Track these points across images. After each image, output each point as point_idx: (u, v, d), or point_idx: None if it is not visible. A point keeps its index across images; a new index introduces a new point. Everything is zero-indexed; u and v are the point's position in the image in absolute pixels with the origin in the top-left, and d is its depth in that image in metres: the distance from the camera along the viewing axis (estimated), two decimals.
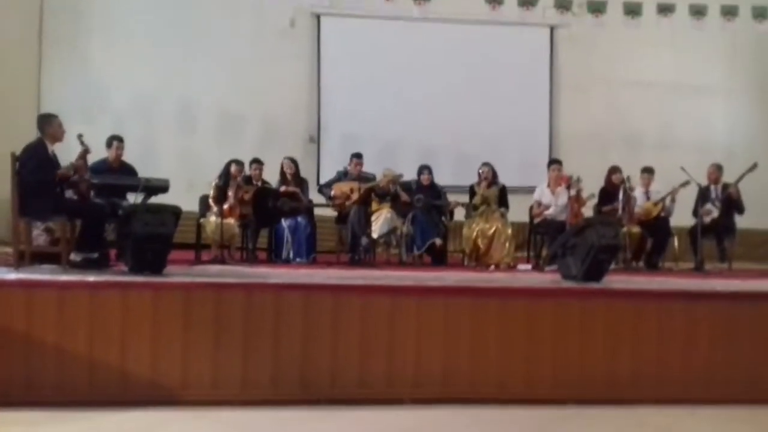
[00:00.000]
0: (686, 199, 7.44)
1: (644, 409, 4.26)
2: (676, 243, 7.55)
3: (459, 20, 10.01)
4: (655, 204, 7.42)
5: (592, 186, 7.39)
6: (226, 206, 6.65)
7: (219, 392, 4.17)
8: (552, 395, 4.38)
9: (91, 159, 5.75)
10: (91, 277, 4.39)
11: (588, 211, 7.37)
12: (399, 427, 3.83)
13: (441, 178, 7.87)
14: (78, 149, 5.41)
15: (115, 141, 6.52)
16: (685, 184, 7.20)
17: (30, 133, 5.65)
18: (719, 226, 7.32)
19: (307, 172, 8.17)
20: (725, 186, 7.39)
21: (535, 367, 4.46)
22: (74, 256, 5.24)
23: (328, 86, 10.15)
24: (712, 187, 7.47)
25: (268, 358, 4.26)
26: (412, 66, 10.06)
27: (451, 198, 7.60)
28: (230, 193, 6.77)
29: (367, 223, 6.87)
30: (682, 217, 7.53)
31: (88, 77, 9.64)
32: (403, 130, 9.90)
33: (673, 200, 7.34)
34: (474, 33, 10.16)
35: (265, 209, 6.94)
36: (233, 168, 6.87)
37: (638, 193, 7.50)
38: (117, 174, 6.40)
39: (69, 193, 5.38)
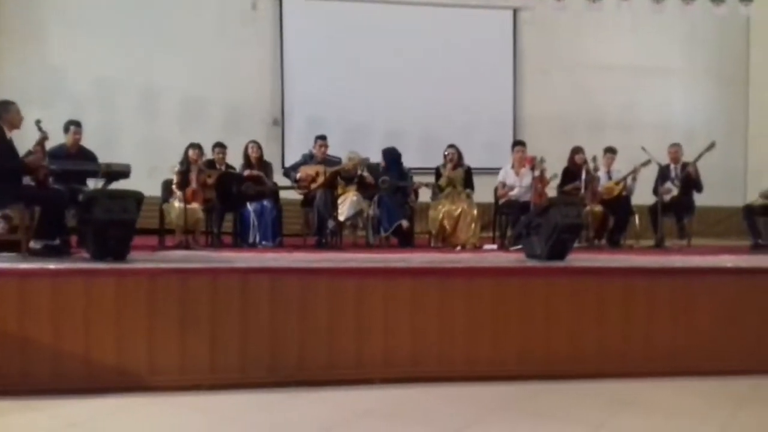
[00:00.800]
0: (647, 178, 7.59)
1: (609, 383, 4.35)
2: (637, 221, 7.72)
3: (423, 3, 10.00)
4: (617, 183, 7.56)
5: (556, 166, 7.50)
6: (188, 191, 6.56)
7: (187, 377, 4.14)
8: (519, 372, 4.44)
9: (50, 145, 5.61)
10: (52, 265, 4.29)
11: (552, 191, 7.47)
12: (369, 407, 3.85)
13: (407, 160, 7.88)
14: (35, 135, 5.28)
15: (72, 126, 6.36)
16: (646, 163, 7.34)
17: None
18: (679, 204, 7.49)
19: (271, 155, 8.12)
20: (684, 165, 7.55)
21: (502, 344, 4.52)
22: (34, 244, 5.13)
23: (292, 69, 10.07)
24: (672, 166, 7.63)
25: (235, 342, 4.24)
26: (376, 48, 10.02)
27: (418, 180, 7.63)
28: (192, 177, 6.67)
29: (334, 206, 6.85)
30: (642, 196, 7.69)
31: (46, 62, 9.41)
32: (369, 113, 9.89)
33: (634, 179, 7.48)
34: (438, 15, 10.18)
35: (229, 193, 6.86)
36: (191, 152, 6.78)
37: (601, 172, 7.62)
38: (76, 159, 6.25)
39: (26, 180, 5.25)
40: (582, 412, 3.80)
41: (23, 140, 5.40)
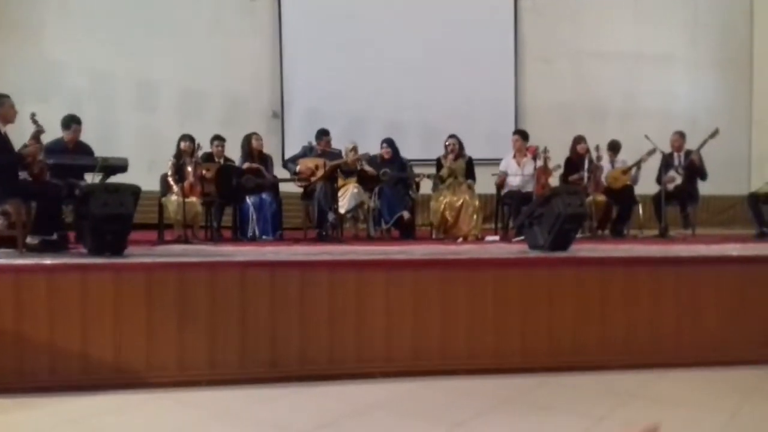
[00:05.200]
0: (650, 167, 7.51)
1: (613, 374, 4.29)
2: (640, 210, 7.64)
3: None
4: (624, 172, 7.47)
5: (558, 156, 7.42)
6: (186, 184, 6.50)
7: (186, 373, 4.09)
8: (522, 364, 4.39)
9: (45, 138, 5.55)
10: (48, 260, 4.25)
11: (555, 181, 7.39)
12: (370, 401, 3.79)
13: (408, 151, 7.82)
14: (30, 129, 5.22)
15: (73, 124, 6.32)
16: (652, 152, 7.26)
17: None
18: (682, 193, 7.42)
19: (271, 147, 8.07)
20: (688, 153, 7.47)
21: (505, 336, 4.47)
22: (31, 239, 5.07)
23: (290, 61, 10.00)
24: (675, 155, 7.55)
25: (235, 337, 4.19)
26: (375, 39, 9.94)
27: (418, 171, 7.56)
28: (189, 170, 6.61)
29: (334, 199, 6.79)
30: (646, 185, 7.61)
31: (42, 56, 9.36)
32: (368, 104, 9.82)
33: (638, 168, 7.40)
34: (438, 3, 10.08)
35: (228, 187, 6.80)
36: (183, 144, 6.71)
37: (604, 162, 7.54)
38: (73, 154, 6.20)
39: (23, 175, 5.20)
40: (586, 404, 3.74)
41: (19, 134, 5.34)
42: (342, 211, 6.94)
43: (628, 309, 4.60)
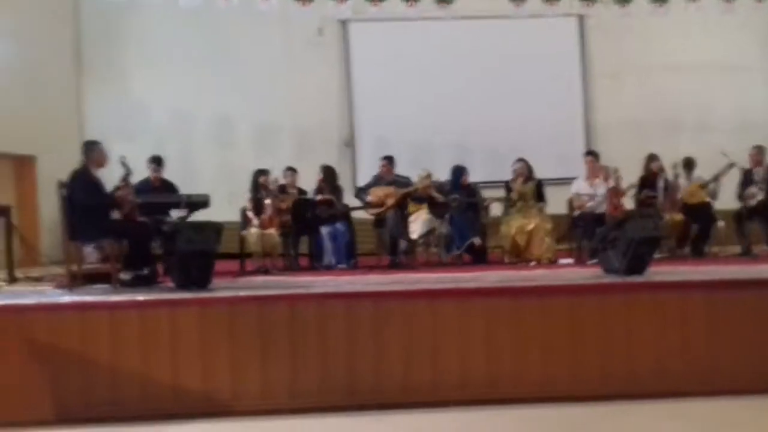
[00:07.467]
0: (728, 183, 7.28)
1: (694, 402, 4.20)
2: (721, 226, 7.38)
3: (486, 16, 9.95)
4: (701, 186, 7.27)
5: (632, 174, 7.28)
6: (264, 218, 6.77)
7: (268, 402, 4.26)
8: (598, 391, 4.33)
9: (133, 179, 5.91)
10: (140, 296, 4.54)
11: (629, 201, 7.27)
12: (445, 429, 3.86)
13: (476, 175, 7.86)
14: (118, 170, 5.57)
15: (153, 164, 6.83)
16: (731, 166, 7.06)
17: (74, 158, 5.83)
18: (765, 209, 7.14)
19: (343, 176, 8.23)
20: None
21: (580, 363, 4.43)
22: (124, 275, 5.41)
23: (359, 91, 10.24)
24: (755, 170, 7.29)
25: (314, 367, 4.34)
26: (440, 65, 10.06)
27: (487, 194, 7.59)
28: (267, 203, 6.89)
29: (405, 227, 6.91)
30: (725, 201, 7.37)
31: (128, 99, 9.96)
32: (436, 130, 9.93)
33: (717, 182, 7.20)
34: (500, 28, 10.09)
35: (303, 218, 7.04)
36: (261, 178, 6.99)
37: (681, 179, 7.36)
38: (159, 192, 6.60)
39: (115, 215, 5.56)
40: None
41: (108, 175, 5.69)
42: (414, 236, 7.04)
43: (709, 334, 4.48)
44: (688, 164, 7.50)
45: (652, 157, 7.45)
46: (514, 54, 10.09)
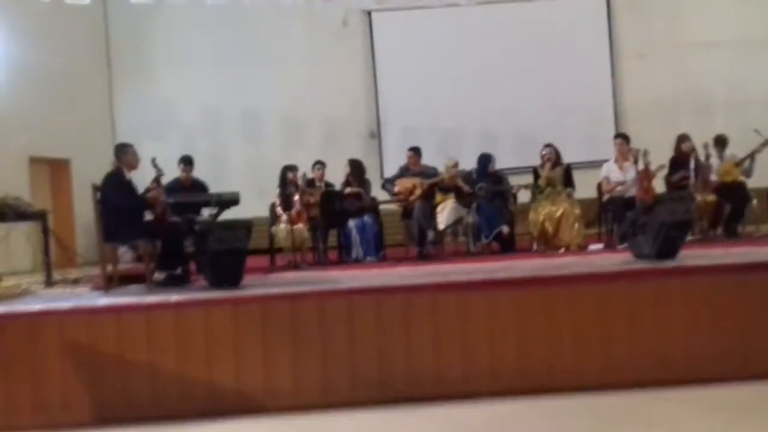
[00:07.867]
0: (762, 160, 7.12)
1: (726, 389, 4.15)
2: (755, 205, 7.24)
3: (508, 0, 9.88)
4: (736, 164, 7.13)
5: (663, 155, 7.17)
6: (293, 213, 6.84)
7: (300, 398, 4.33)
8: (630, 379, 4.32)
9: (164, 179, 6.02)
10: (174, 297, 4.64)
11: (659, 182, 7.17)
12: (477, 421, 3.89)
13: (504, 161, 7.82)
14: (149, 170, 5.68)
15: (181, 164, 6.96)
16: (766, 143, 6.90)
17: (107, 160, 5.97)
18: None
19: (369, 167, 8.25)
20: None
21: (611, 352, 4.41)
22: (158, 275, 5.53)
23: (385, 81, 10.25)
24: None
25: (345, 362, 4.39)
26: (465, 52, 10.01)
27: (515, 180, 7.55)
28: (296, 199, 6.95)
29: (432, 217, 6.92)
30: (757, 179, 7.22)
31: (156, 99, 10.13)
32: (462, 117, 9.89)
33: (753, 160, 7.05)
34: (525, 10, 10.03)
35: (332, 211, 7.10)
36: (290, 174, 7.04)
37: (712, 159, 7.23)
38: (190, 191, 6.71)
39: (148, 216, 5.68)
40: (698, 420, 3.66)
41: (140, 175, 5.82)
42: (441, 226, 7.05)
43: (742, 317, 4.43)
44: (721, 142, 7.34)
45: (682, 138, 7.32)
46: (539, 37, 10.00)
